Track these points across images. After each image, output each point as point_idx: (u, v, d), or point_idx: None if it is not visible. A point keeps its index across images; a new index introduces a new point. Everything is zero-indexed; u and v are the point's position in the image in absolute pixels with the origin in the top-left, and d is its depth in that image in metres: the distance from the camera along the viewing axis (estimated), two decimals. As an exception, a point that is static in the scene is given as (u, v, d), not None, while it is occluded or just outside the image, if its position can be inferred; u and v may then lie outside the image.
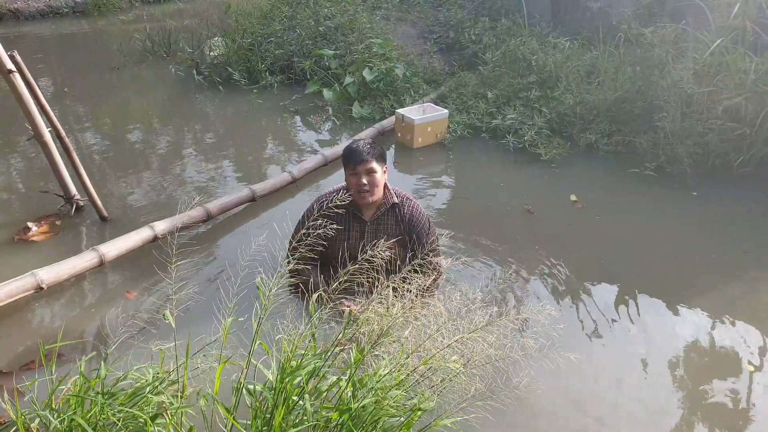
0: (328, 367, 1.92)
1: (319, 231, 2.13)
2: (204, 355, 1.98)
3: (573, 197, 4.39)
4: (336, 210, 2.94)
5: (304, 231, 2.16)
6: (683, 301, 3.28)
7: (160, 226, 3.56)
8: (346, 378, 1.88)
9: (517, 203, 4.34)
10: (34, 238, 3.70)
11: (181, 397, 1.90)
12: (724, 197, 4.40)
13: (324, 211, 2.84)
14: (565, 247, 3.78)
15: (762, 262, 3.68)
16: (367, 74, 6.20)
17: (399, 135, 5.39)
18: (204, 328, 2.12)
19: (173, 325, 1.92)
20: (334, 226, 2.48)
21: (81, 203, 4.02)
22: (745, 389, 2.70)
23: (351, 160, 2.93)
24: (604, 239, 3.94)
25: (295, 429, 1.79)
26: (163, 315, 1.95)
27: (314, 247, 2.12)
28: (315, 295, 2.01)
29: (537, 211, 4.21)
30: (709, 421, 2.52)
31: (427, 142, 5.28)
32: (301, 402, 1.82)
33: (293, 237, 3.00)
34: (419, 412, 1.86)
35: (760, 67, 4.48)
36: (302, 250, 2.06)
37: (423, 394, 1.89)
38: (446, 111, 5.39)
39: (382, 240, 3.00)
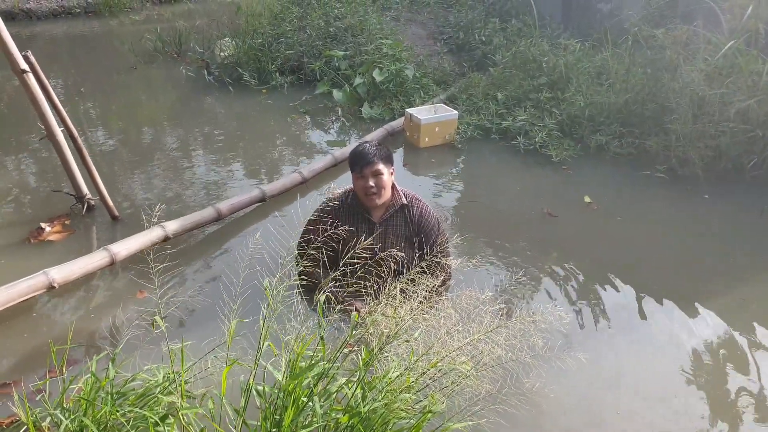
0: (337, 369, 1.92)
1: (329, 232, 2.13)
2: (215, 357, 1.98)
3: (587, 199, 4.37)
4: (344, 212, 2.94)
5: (311, 229, 2.17)
6: (695, 303, 3.25)
7: (171, 226, 3.57)
8: (356, 380, 1.87)
9: (528, 205, 4.32)
10: (50, 238, 3.73)
11: (188, 398, 1.91)
12: (737, 200, 4.36)
13: (328, 208, 2.85)
14: (577, 249, 3.76)
15: (775, 265, 3.65)
16: (377, 75, 6.20)
17: (407, 134, 5.40)
18: (215, 329, 2.13)
19: (165, 332, 1.90)
20: (345, 227, 2.48)
21: (92, 203, 4.04)
22: (761, 393, 2.67)
23: (357, 162, 2.93)
24: (615, 241, 3.91)
25: (305, 430, 1.80)
26: (153, 321, 1.92)
27: (322, 248, 2.12)
28: (322, 296, 2.01)
29: (552, 213, 4.19)
30: (722, 424, 2.50)
31: (434, 142, 5.28)
32: (310, 403, 1.82)
33: (301, 239, 3.01)
34: (429, 415, 1.85)
35: (773, 69, 4.45)
36: (310, 252, 2.06)
37: (433, 396, 1.88)
38: (456, 112, 5.39)
39: (392, 243, 3.01)
